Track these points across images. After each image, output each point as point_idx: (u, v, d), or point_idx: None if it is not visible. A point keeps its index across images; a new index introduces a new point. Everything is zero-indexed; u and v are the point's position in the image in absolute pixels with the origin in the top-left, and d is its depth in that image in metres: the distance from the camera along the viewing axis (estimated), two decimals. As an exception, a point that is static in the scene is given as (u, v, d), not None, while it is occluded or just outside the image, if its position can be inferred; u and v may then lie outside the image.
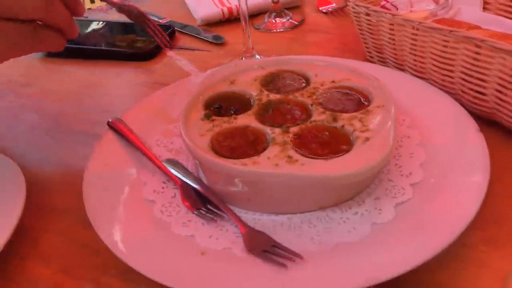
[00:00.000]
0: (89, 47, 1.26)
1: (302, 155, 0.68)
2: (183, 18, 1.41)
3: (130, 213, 0.71)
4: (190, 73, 1.14)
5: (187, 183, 0.75)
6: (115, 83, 1.15)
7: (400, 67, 0.99)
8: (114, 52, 1.24)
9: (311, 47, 1.23)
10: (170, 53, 1.26)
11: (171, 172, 0.77)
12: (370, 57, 1.08)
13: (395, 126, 0.70)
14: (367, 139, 0.70)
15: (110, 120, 0.89)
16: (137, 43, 1.26)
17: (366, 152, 0.66)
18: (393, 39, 0.97)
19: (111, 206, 0.71)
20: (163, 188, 0.76)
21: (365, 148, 0.67)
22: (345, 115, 0.75)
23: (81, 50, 1.25)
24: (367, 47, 1.08)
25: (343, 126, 0.73)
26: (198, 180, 0.75)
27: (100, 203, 0.72)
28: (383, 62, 1.05)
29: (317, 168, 0.64)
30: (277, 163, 0.67)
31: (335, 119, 0.74)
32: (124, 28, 1.35)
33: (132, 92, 1.10)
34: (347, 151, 0.69)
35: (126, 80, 1.16)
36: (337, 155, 0.68)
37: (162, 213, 0.71)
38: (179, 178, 0.76)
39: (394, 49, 0.98)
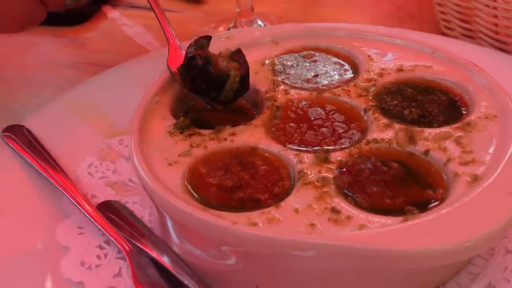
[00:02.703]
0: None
1: (357, 206, 0.55)
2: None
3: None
4: (147, 49, 1.00)
5: (143, 250, 0.60)
6: (23, 61, 1.01)
7: (503, 47, 0.86)
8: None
9: (344, 11, 1.10)
10: (113, 13, 1.12)
11: (113, 229, 0.62)
12: (448, 28, 0.95)
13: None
14: (475, 178, 0.56)
15: (5, 129, 0.74)
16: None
17: (477, 204, 0.52)
18: (495, 1, 0.83)
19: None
20: (98, 258, 0.61)
21: (474, 196, 0.53)
22: (429, 132, 0.62)
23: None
24: (442, 13, 0.95)
25: (427, 151, 0.60)
26: (162, 244, 0.60)
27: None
28: (470, 37, 0.91)
29: (390, 236, 0.50)
30: (313, 221, 0.52)
31: (412, 139, 0.61)
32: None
33: (49, 78, 0.96)
34: (440, 200, 0.55)
35: (40, 57, 1.03)
36: (423, 208, 0.54)
37: (96, 308, 0.56)
38: (127, 239, 0.61)
39: (495, 16, 0.85)
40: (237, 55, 0.67)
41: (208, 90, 0.66)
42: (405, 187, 0.57)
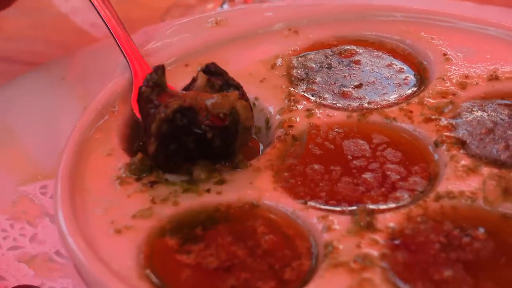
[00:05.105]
0: None
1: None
2: None
3: None
4: (92, 35, 1.03)
5: None
6: None
7: None
8: None
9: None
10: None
11: None
12: None
13: None
14: None
15: None
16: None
17: None
18: None
19: None
20: None
21: None
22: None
23: None
24: None
25: (535, 215, 0.61)
26: None
27: None
28: None
29: None
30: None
31: (508, 192, 0.62)
32: None
33: None
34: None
35: None
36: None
37: None
38: None
39: None
40: (217, 79, 0.69)
41: (207, 151, 0.66)
42: (495, 271, 0.58)
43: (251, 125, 0.67)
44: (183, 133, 0.64)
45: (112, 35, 0.76)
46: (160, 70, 0.68)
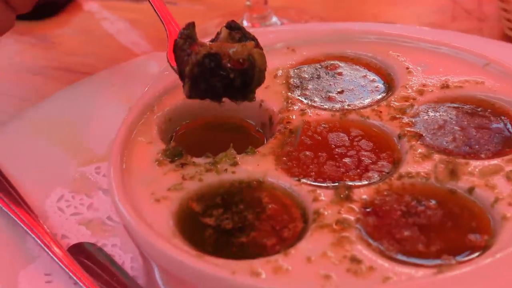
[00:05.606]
0: None
1: (383, 254, 0.60)
2: None
3: None
4: (133, 51, 1.07)
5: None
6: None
7: None
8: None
9: (382, 3, 1.15)
10: (91, 4, 1.17)
11: (87, 277, 0.67)
12: (513, 30, 1.00)
13: None
14: (528, 223, 0.61)
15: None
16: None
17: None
18: None
19: None
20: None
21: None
22: (476, 165, 0.68)
23: None
24: (505, 11, 0.99)
25: (472, 189, 0.65)
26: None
27: None
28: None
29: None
30: (328, 272, 0.58)
31: (454, 173, 0.66)
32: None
33: (11, 88, 1.01)
34: (483, 248, 0.60)
35: (0, 60, 1.08)
36: (462, 257, 0.59)
37: None
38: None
39: None
40: (237, 32, 0.73)
41: (230, 90, 0.70)
42: (443, 232, 0.62)
43: (265, 69, 0.70)
44: (211, 75, 0.68)
45: (150, 1, 0.79)
46: (191, 25, 0.71)
